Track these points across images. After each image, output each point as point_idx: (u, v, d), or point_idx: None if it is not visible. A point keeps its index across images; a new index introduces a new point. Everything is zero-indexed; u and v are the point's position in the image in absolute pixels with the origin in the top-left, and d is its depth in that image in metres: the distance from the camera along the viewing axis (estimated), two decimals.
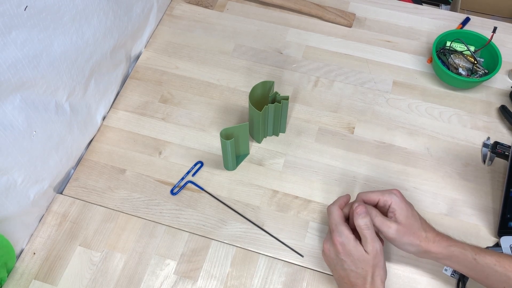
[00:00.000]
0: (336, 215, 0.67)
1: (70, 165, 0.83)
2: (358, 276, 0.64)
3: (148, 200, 0.82)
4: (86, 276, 0.74)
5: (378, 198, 0.68)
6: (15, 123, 0.64)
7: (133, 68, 0.98)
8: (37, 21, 0.62)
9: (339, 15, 1.05)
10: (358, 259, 0.64)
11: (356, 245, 0.64)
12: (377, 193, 0.68)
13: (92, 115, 0.86)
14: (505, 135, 0.89)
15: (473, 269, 0.65)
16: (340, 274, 0.66)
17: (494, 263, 0.63)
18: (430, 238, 0.66)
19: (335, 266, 0.67)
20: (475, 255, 0.64)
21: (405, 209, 0.66)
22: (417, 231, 0.66)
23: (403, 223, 0.65)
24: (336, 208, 0.68)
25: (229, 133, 0.77)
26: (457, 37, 0.96)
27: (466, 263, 0.65)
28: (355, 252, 0.64)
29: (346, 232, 0.65)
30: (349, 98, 0.94)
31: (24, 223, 0.75)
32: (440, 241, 0.65)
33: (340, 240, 0.65)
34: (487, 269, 0.63)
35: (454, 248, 0.65)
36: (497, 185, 0.83)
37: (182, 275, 0.75)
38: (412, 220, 0.66)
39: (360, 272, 0.63)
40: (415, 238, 0.65)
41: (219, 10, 1.08)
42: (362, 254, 0.64)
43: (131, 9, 0.88)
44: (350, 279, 0.64)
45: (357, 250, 0.64)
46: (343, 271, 0.65)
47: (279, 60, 0.99)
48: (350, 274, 0.64)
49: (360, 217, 0.65)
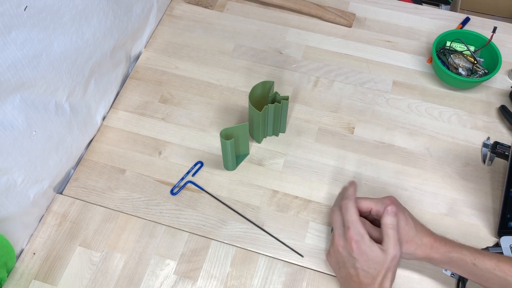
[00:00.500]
0: (353, 212, 0.65)
1: (70, 165, 0.83)
2: (368, 275, 0.62)
3: (148, 200, 0.82)
4: (86, 276, 0.74)
5: (371, 207, 0.68)
6: (15, 123, 0.64)
7: (133, 68, 0.98)
8: (37, 21, 0.62)
9: (339, 15, 1.05)
10: (373, 260, 0.62)
11: (372, 245, 0.63)
12: (371, 202, 0.68)
13: (92, 115, 0.86)
14: (505, 135, 0.89)
15: (472, 273, 0.64)
16: (349, 272, 0.64)
17: (493, 267, 0.62)
18: (427, 244, 0.65)
19: (344, 264, 0.65)
20: (474, 260, 0.63)
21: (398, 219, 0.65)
22: (412, 238, 0.65)
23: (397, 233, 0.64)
24: (352, 205, 0.66)
25: (229, 133, 0.77)
26: (457, 37, 0.96)
27: (465, 267, 0.64)
28: (370, 252, 0.62)
29: (362, 231, 0.64)
30: (349, 98, 0.94)
31: (24, 223, 0.75)
32: (438, 247, 0.65)
33: (356, 238, 0.63)
34: (487, 273, 0.63)
35: (452, 254, 0.64)
36: (497, 185, 0.83)
37: (182, 275, 0.75)
38: (405, 230, 0.65)
39: (371, 273, 0.62)
40: (410, 246, 0.65)
41: (219, 10, 1.08)
42: (377, 254, 0.62)
43: (131, 9, 0.88)
44: (360, 278, 0.63)
45: (372, 250, 0.63)
46: (354, 269, 0.63)
47: (279, 60, 0.99)
48: (360, 273, 0.63)
49: (390, 216, 0.64)
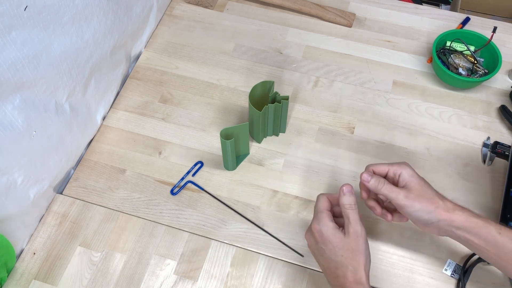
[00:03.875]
0: (320, 203, 0.64)
1: (70, 165, 0.83)
2: (338, 265, 0.60)
3: (148, 200, 0.82)
4: (86, 276, 0.74)
5: (387, 169, 0.65)
6: (15, 123, 0.64)
7: (133, 68, 0.98)
8: (37, 21, 0.62)
9: (339, 15, 1.05)
10: (338, 246, 0.60)
11: (335, 232, 0.61)
12: (386, 164, 0.65)
13: (92, 115, 0.86)
14: (505, 135, 0.89)
15: (494, 244, 0.59)
16: (322, 265, 0.63)
17: None
18: (448, 206, 0.60)
19: (317, 257, 0.63)
20: (500, 230, 0.59)
21: (417, 177, 0.63)
22: (432, 197, 0.61)
23: (415, 189, 0.61)
24: (323, 197, 0.65)
25: (229, 133, 0.77)
26: (457, 37, 0.96)
27: (488, 237, 0.59)
28: (333, 238, 0.60)
29: (325, 220, 0.62)
30: (349, 98, 0.94)
31: (24, 223, 0.75)
32: (461, 210, 0.60)
33: (318, 227, 0.62)
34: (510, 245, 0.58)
35: (477, 219, 0.59)
36: (497, 185, 0.83)
37: (182, 275, 0.75)
38: (425, 186, 0.62)
39: (340, 261, 0.60)
40: (429, 204, 0.60)
41: (219, 10, 1.08)
42: (341, 240, 0.60)
43: (131, 9, 0.88)
44: (331, 269, 0.61)
45: (335, 236, 0.60)
46: (324, 260, 0.62)
47: (279, 60, 0.99)
48: (330, 264, 0.61)
49: (345, 196, 0.62)
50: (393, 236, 0.77)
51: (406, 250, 0.77)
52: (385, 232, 0.78)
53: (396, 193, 0.61)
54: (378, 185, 0.63)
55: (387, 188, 0.62)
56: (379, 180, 0.63)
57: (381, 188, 0.63)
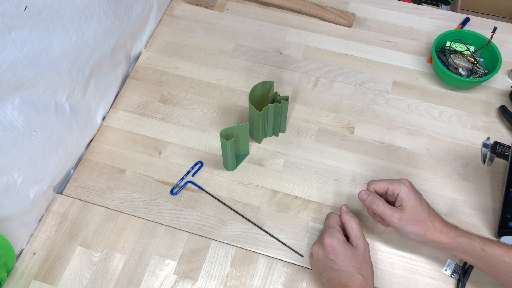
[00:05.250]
0: (332, 219, 0.70)
1: (70, 165, 0.83)
2: (349, 275, 0.64)
3: (148, 200, 0.82)
4: (86, 276, 0.74)
5: (387, 187, 0.69)
6: (15, 123, 0.64)
7: (133, 68, 0.98)
8: (37, 21, 0.62)
9: (339, 15, 1.05)
10: (350, 257, 0.65)
11: (347, 245, 0.66)
12: (387, 182, 0.70)
13: (92, 115, 0.86)
14: (505, 135, 0.89)
15: (480, 259, 0.65)
16: (330, 276, 0.66)
17: (502, 253, 0.64)
18: (437, 228, 0.66)
19: (324, 269, 0.67)
20: (484, 246, 0.65)
21: (413, 199, 0.67)
22: (423, 220, 0.66)
23: (409, 212, 0.66)
24: (334, 214, 0.71)
25: (229, 133, 0.77)
26: (457, 37, 0.96)
27: (474, 253, 0.65)
28: (345, 251, 0.65)
29: (337, 234, 0.67)
30: (349, 98, 0.94)
31: (24, 223, 0.75)
32: (447, 232, 0.66)
33: (331, 240, 0.66)
34: (495, 259, 0.64)
35: (462, 238, 0.65)
36: (497, 185, 0.83)
37: (182, 275, 0.75)
38: (419, 209, 0.67)
39: (350, 271, 0.64)
40: (420, 228, 0.66)
41: (219, 10, 1.08)
42: (352, 252, 0.65)
43: (131, 9, 0.88)
44: (341, 280, 0.65)
45: (347, 249, 0.66)
46: (333, 271, 0.65)
47: (279, 60, 0.99)
48: (340, 275, 0.65)
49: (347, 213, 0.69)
50: (393, 236, 0.77)
51: (406, 250, 0.77)
52: (385, 232, 0.78)
53: (390, 216, 0.67)
54: (372, 205, 0.69)
55: (381, 208, 0.68)
56: (374, 200, 0.69)
57: (375, 208, 0.68)
